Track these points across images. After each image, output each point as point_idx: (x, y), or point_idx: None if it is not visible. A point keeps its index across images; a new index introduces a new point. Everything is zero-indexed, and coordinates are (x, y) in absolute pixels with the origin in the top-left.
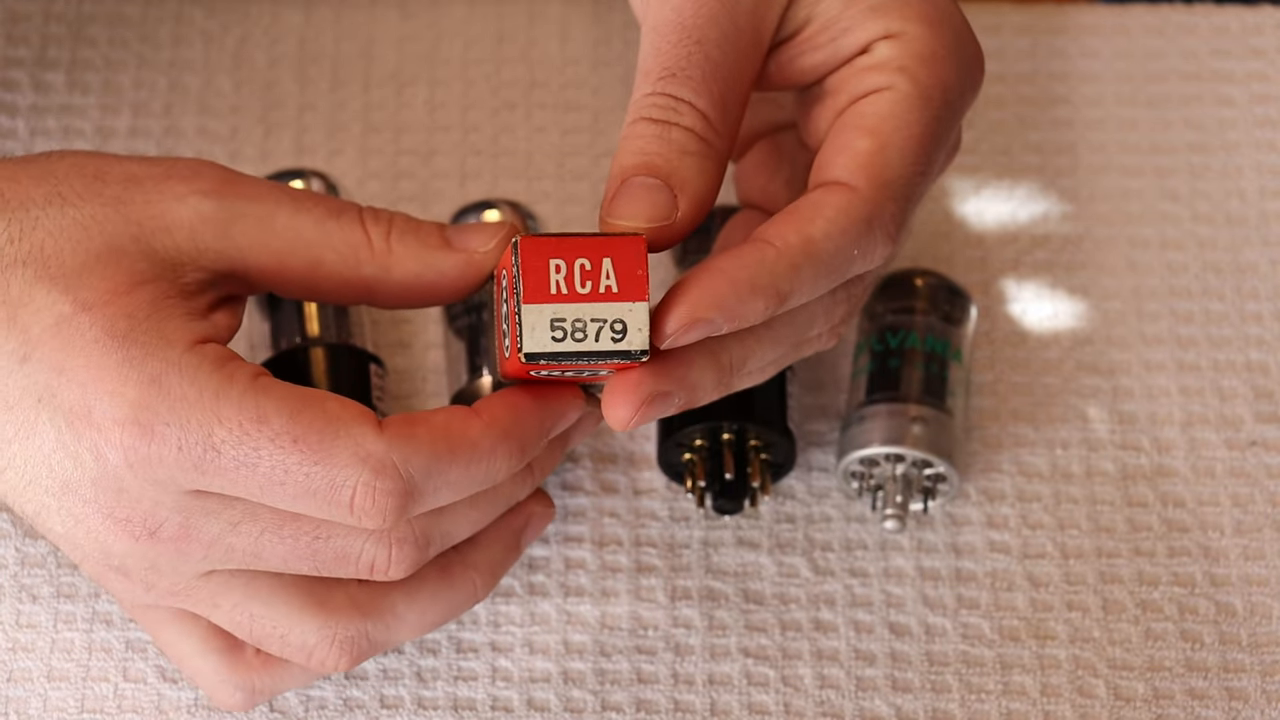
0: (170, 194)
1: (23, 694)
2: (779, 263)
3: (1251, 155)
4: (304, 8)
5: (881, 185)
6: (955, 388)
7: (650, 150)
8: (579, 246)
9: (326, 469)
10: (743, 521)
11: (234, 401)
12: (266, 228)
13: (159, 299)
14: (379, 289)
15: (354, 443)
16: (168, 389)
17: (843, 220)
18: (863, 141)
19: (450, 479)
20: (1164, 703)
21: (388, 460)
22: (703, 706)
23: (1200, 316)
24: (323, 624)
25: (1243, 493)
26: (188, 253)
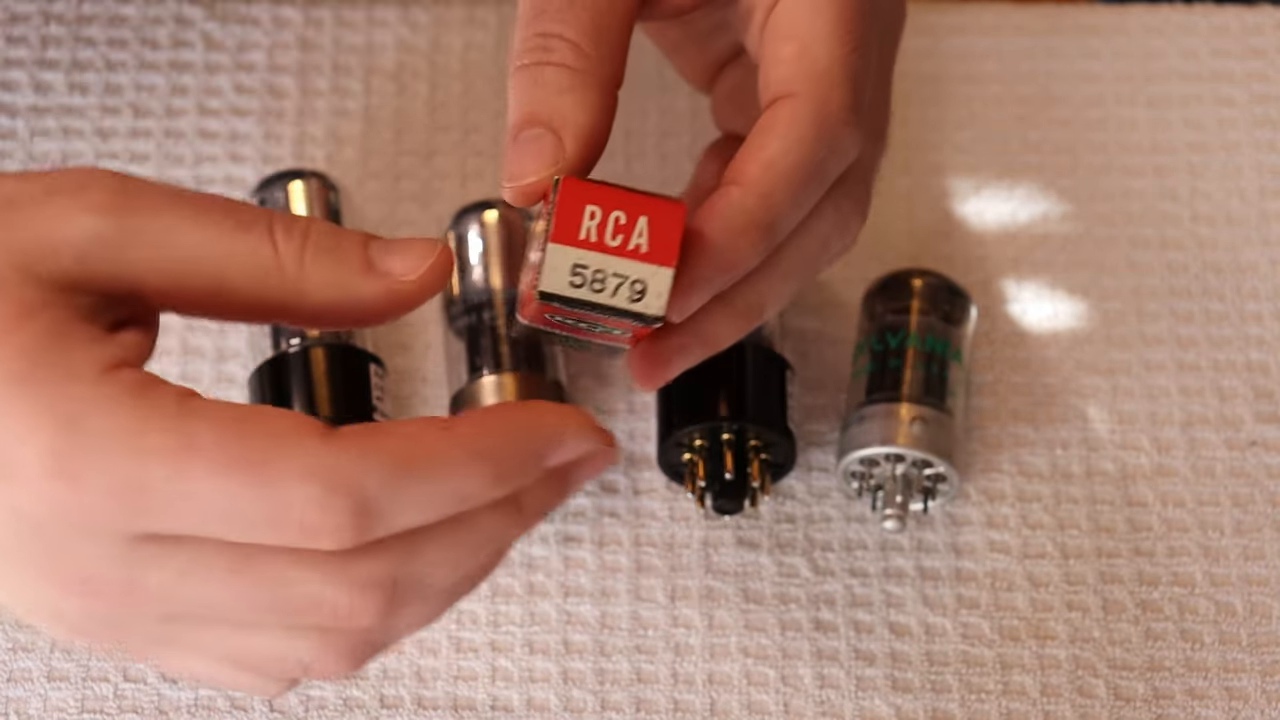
0: (53, 213)
1: (23, 694)
2: (748, 199)
3: (1251, 155)
4: (304, 8)
5: (816, 80)
6: (955, 388)
7: (527, 99)
8: (619, 199)
9: (270, 490)
10: (743, 521)
11: (160, 430)
12: (165, 245)
13: (56, 327)
14: (291, 312)
15: (299, 458)
16: (85, 429)
17: (794, 131)
18: (786, 48)
19: (411, 496)
20: (1164, 703)
21: (338, 473)
22: (702, 706)
23: (1200, 316)
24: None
25: (1243, 493)
26: (76, 276)
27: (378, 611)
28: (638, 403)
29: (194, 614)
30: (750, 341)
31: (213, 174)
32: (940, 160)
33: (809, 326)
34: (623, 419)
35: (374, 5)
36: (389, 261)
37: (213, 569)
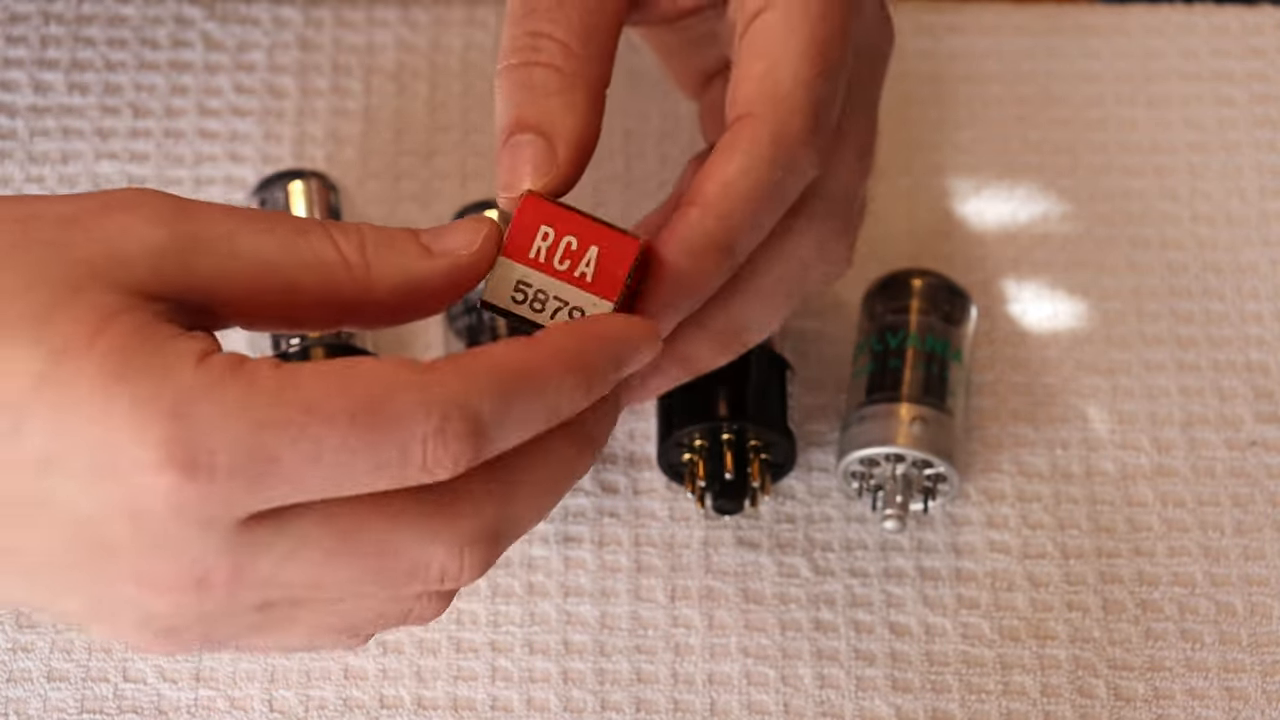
0: (116, 229)
1: (23, 694)
2: (706, 220)
3: (1252, 155)
4: (304, 8)
5: (778, 102)
6: (955, 388)
7: (516, 101)
8: (574, 224)
9: (391, 434)
10: (743, 521)
11: (270, 403)
12: (230, 254)
13: (140, 327)
14: (362, 310)
15: (411, 393)
16: (194, 416)
17: (753, 151)
18: (756, 65)
19: (517, 411)
20: (1164, 703)
21: (451, 401)
22: (702, 706)
23: (1200, 316)
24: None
25: (1243, 493)
26: (151, 286)
27: (481, 568)
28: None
29: (295, 597)
30: None
31: (212, 174)
32: (940, 160)
33: (809, 326)
34: (623, 419)
35: (374, 5)
36: (444, 242)
37: (320, 546)
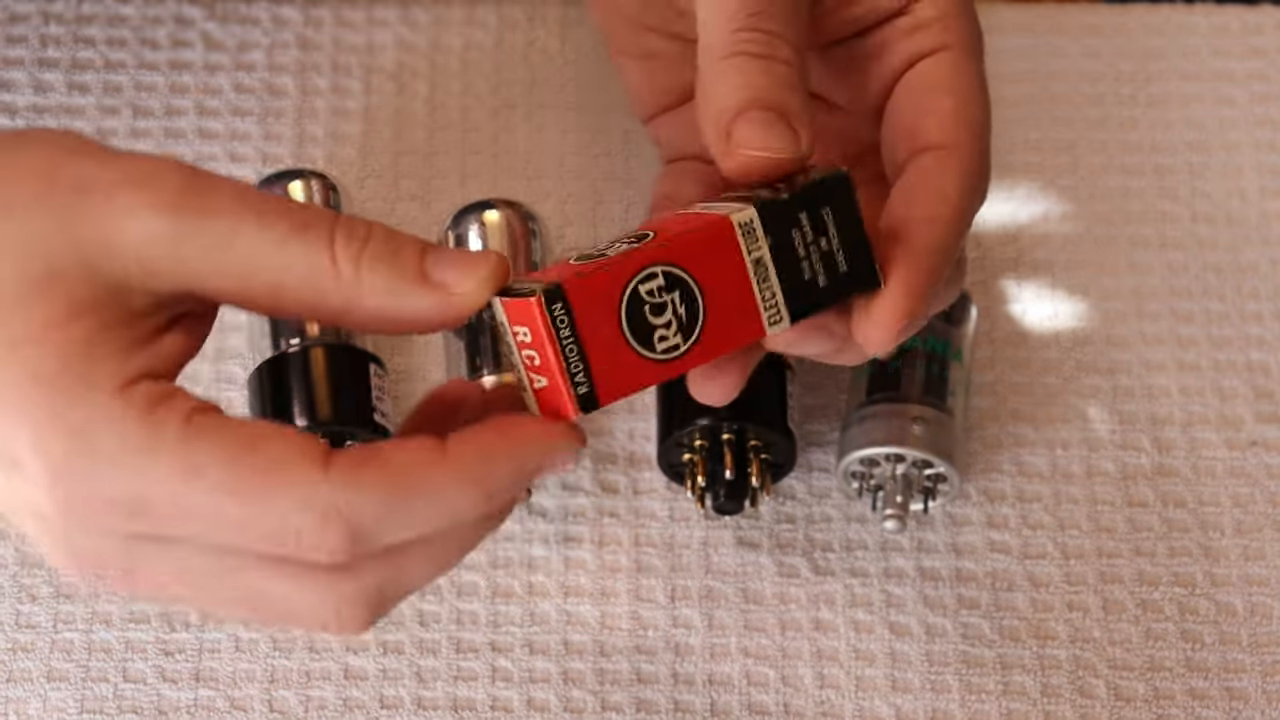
0: (121, 207)
1: (22, 694)
2: (947, 235)
3: (1252, 155)
4: (303, 7)
5: (976, 137)
6: (955, 388)
7: (759, 84)
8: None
9: (268, 517)
10: (743, 521)
11: (163, 455)
12: (224, 250)
13: (95, 332)
14: (347, 319)
15: (296, 489)
16: (92, 443)
17: (966, 179)
18: (946, 101)
19: (404, 521)
20: (1164, 703)
21: (333, 505)
22: (703, 706)
23: (1201, 316)
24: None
25: (1243, 493)
26: (135, 275)
27: (361, 624)
28: (638, 403)
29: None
30: None
31: None
32: None
33: None
34: (623, 419)
35: (374, 5)
36: (443, 272)
37: (205, 574)
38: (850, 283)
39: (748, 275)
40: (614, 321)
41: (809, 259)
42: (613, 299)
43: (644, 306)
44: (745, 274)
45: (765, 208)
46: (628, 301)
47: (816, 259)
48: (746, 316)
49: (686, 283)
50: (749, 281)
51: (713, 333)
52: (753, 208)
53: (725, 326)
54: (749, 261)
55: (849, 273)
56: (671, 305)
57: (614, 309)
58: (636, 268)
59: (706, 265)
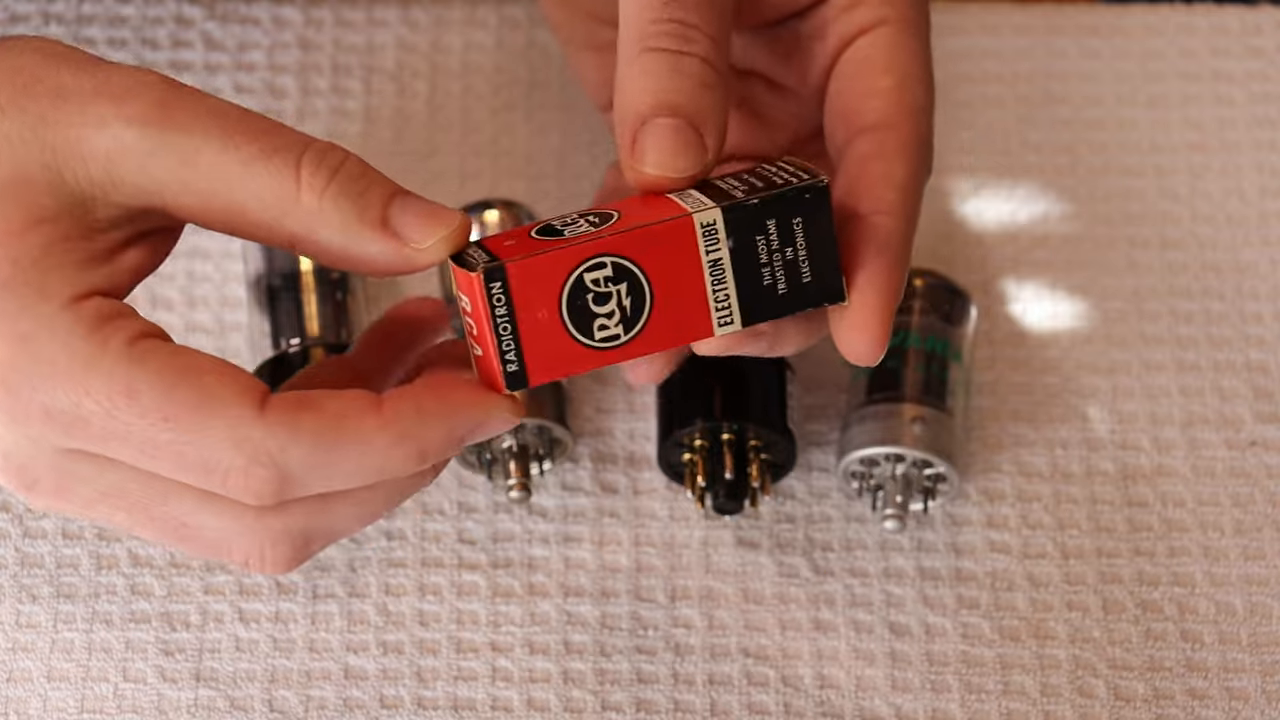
0: (94, 117)
1: (22, 694)
2: (901, 224)
3: (1251, 155)
4: (304, 7)
5: (915, 115)
6: (955, 388)
7: (668, 85)
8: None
9: (199, 450)
10: (743, 522)
11: (103, 372)
12: (188, 167)
13: (53, 242)
14: (301, 248)
15: (229, 426)
16: (36, 351)
17: (910, 160)
18: (883, 80)
19: (334, 472)
20: (1164, 703)
21: (264, 448)
22: (703, 707)
23: (1200, 316)
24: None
25: (1243, 493)
26: (101, 185)
27: (286, 564)
28: (638, 403)
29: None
30: None
31: None
32: (940, 160)
33: None
34: (623, 419)
35: (374, 5)
36: (404, 224)
37: (136, 498)
38: (812, 294)
39: (702, 275)
40: (553, 306)
41: (771, 266)
42: (555, 284)
43: (587, 295)
44: (700, 273)
45: (731, 211)
46: (570, 288)
47: (779, 267)
48: (695, 314)
49: (636, 276)
50: (703, 281)
51: (657, 327)
52: (718, 209)
53: (671, 322)
54: (705, 261)
55: (812, 284)
56: (617, 296)
57: (555, 294)
58: (584, 256)
59: (659, 261)
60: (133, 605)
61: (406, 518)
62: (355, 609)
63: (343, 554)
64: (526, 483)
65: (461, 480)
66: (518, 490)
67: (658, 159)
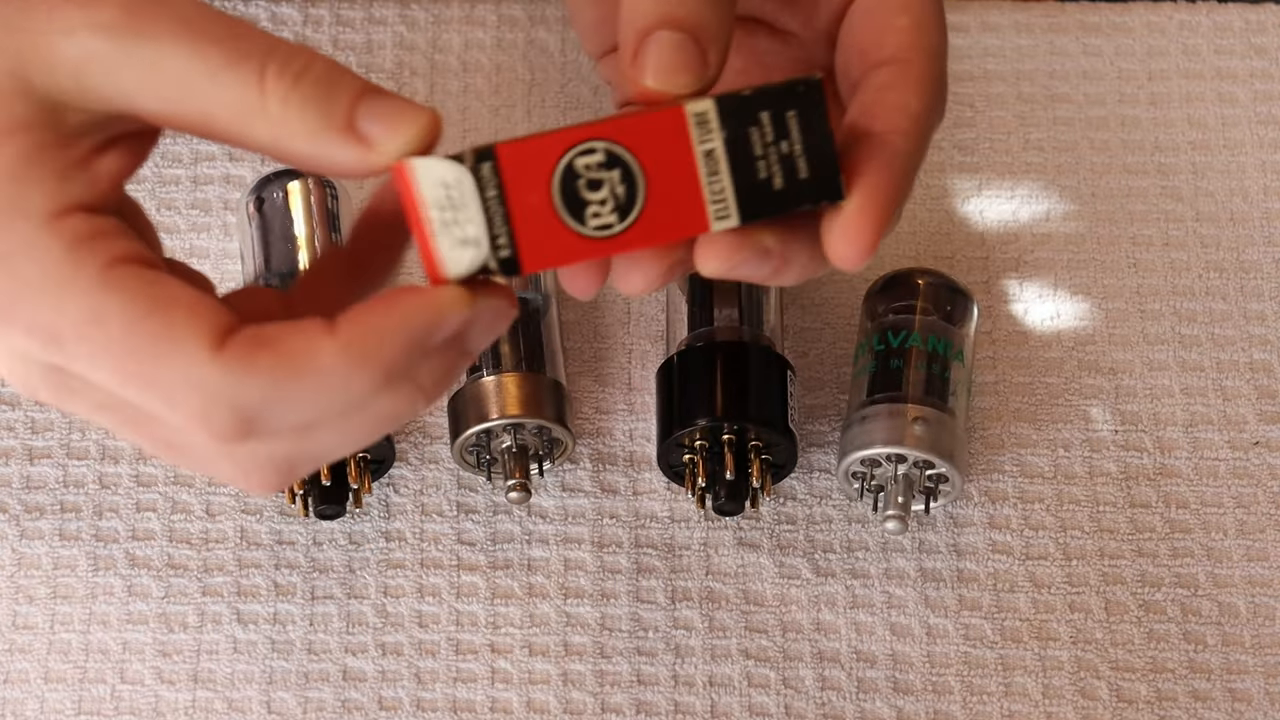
0: (61, 23)
1: (20, 695)
2: (907, 150)
3: (1254, 154)
4: (302, 6)
5: (930, 55)
6: (957, 388)
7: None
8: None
9: (158, 387)
10: (743, 522)
11: (75, 296)
12: (155, 74)
13: (30, 152)
14: (275, 155)
15: (184, 368)
16: (15, 270)
17: (925, 92)
18: (900, 18)
19: (297, 406)
20: (1167, 704)
21: (219, 390)
22: (703, 708)
23: (1203, 316)
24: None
25: (1246, 493)
26: (71, 93)
27: (273, 486)
28: (638, 403)
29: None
30: (751, 341)
31: (210, 173)
32: (942, 159)
33: (810, 326)
34: (623, 419)
35: (372, 4)
36: (371, 125)
37: (126, 417)
38: (810, 190)
39: (695, 166)
40: (545, 189)
41: (766, 159)
42: (545, 168)
43: (578, 180)
44: (693, 164)
45: (724, 100)
46: (562, 173)
47: (775, 160)
48: (690, 208)
49: (627, 163)
50: (696, 172)
51: (651, 218)
52: (711, 99)
53: (666, 214)
54: (699, 152)
55: (809, 179)
56: (609, 183)
57: (546, 178)
58: (575, 139)
59: (651, 149)
60: (130, 606)
61: (405, 519)
62: (354, 610)
63: (341, 555)
64: (526, 483)
65: (460, 481)
66: (517, 491)
67: (658, 71)
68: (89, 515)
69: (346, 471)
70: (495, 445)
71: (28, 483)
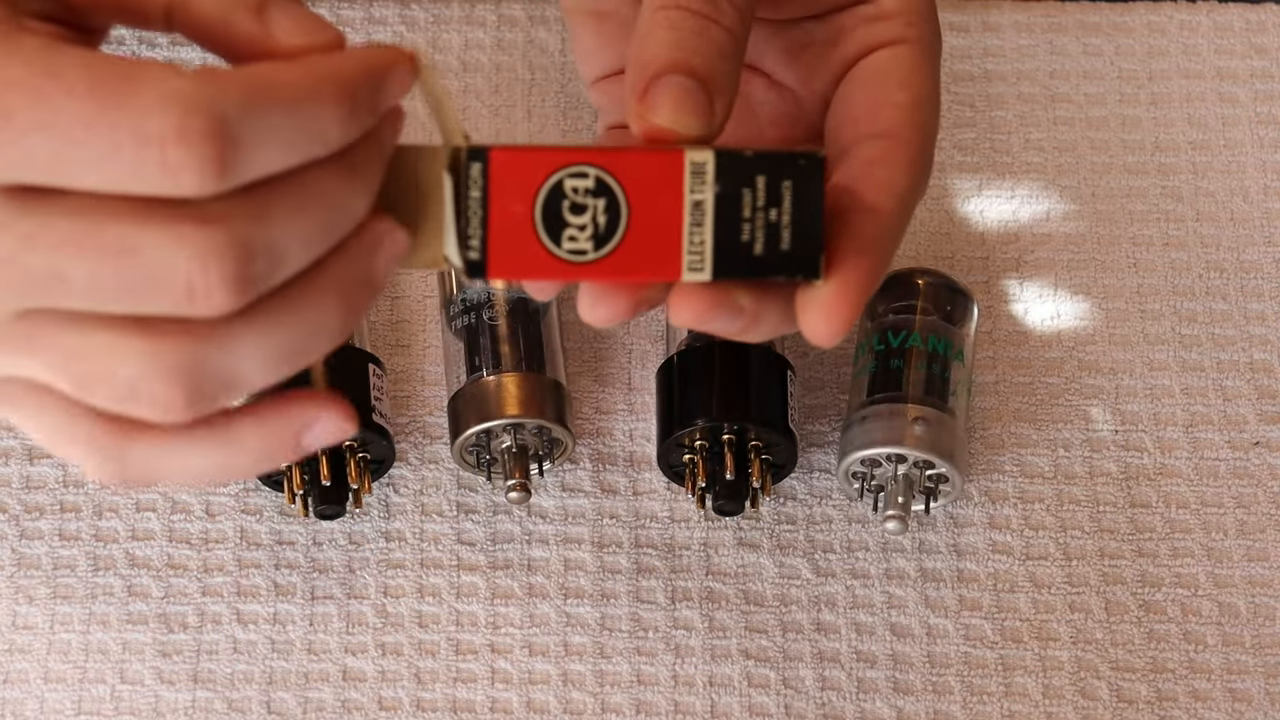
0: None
1: (19, 696)
2: (890, 230)
3: (1255, 154)
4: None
5: (926, 135)
6: (957, 388)
7: (690, 46)
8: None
9: (130, 115)
10: (743, 523)
11: (24, 57)
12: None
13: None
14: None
15: (157, 82)
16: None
17: (913, 172)
18: (899, 94)
19: (272, 125)
20: (1167, 705)
21: (198, 96)
22: (703, 708)
23: (1203, 316)
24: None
25: (1246, 493)
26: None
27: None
28: (638, 403)
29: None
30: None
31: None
32: (942, 159)
33: None
34: (623, 419)
35: (372, 3)
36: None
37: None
38: (788, 263)
39: (681, 214)
40: (528, 203)
41: (752, 222)
42: (534, 182)
43: (564, 201)
44: (680, 211)
45: (723, 156)
46: (549, 190)
47: (760, 226)
48: (666, 253)
49: (615, 194)
50: (681, 220)
51: (625, 254)
52: (712, 151)
53: (640, 253)
54: (688, 201)
55: (790, 252)
56: (593, 210)
57: (532, 191)
58: (569, 160)
59: (643, 187)
60: (130, 606)
61: (405, 519)
62: (354, 610)
63: (341, 555)
64: (526, 483)
65: (460, 481)
66: (517, 491)
67: (670, 113)
68: (89, 515)
69: (346, 471)
70: (495, 445)
71: (28, 483)
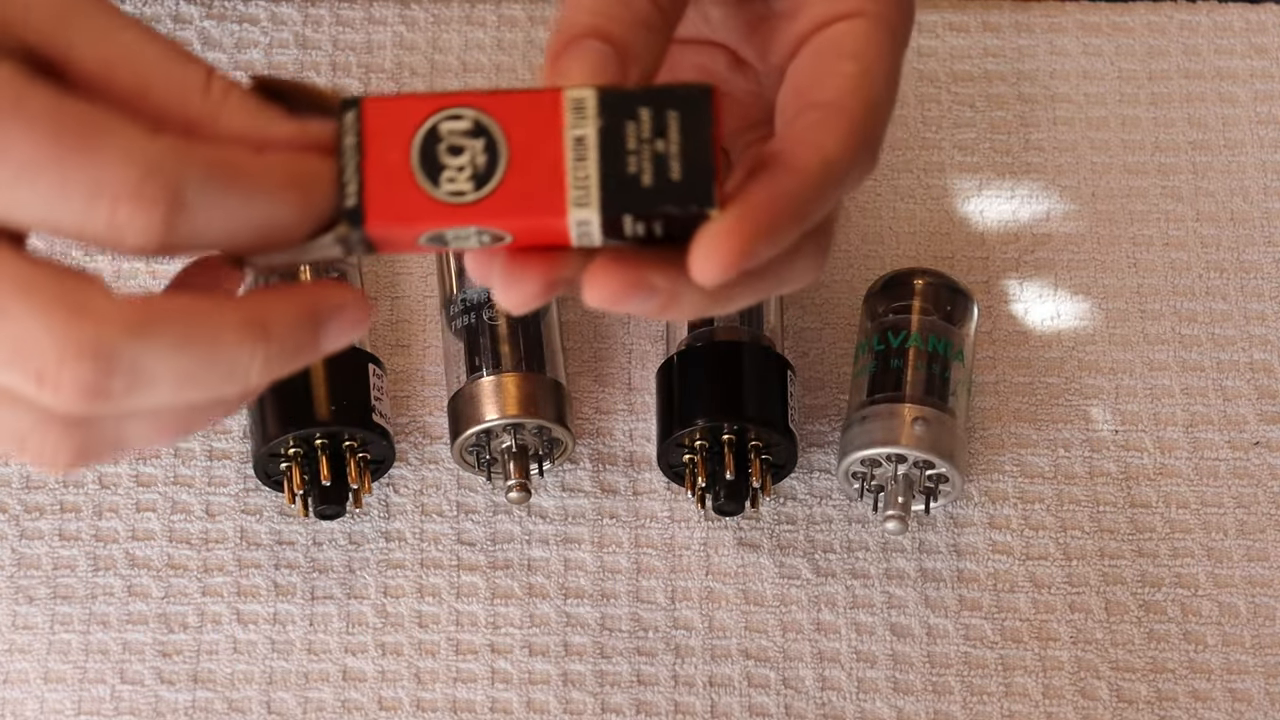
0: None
1: (19, 696)
2: (805, 189)
3: (1255, 154)
4: (302, 6)
5: (871, 108)
6: (957, 388)
7: (610, 14)
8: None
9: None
10: (743, 523)
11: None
12: (107, 33)
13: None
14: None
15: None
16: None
17: (848, 141)
18: (848, 65)
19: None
20: (1167, 705)
21: (162, 161)
22: (703, 708)
23: (1204, 316)
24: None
25: (1246, 493)
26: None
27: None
28: (638, 403)
29: None
30: (751, 341)
31: None
32: (941, 159)
33: (809, 326)
34: (622, 419)
35: (372, 3)
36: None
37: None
38: (680, 194)
39: (563, 150)
40: (404, 147)
41: (638, 154)
42: (409, 125)
43: (440, 144)
44: (560, 147)
45: (605, 91)
46: (425, 133)
47: (647, 157)
48: (549, 190)
49: (493, 134)
50: (563, 156)
51: (508, 193)
52: (592, 87)
53: (523, 192)
54: (569, 136)
55: (681, 182)
56: (471, 151)
57: (408, 135)
58: (444, 104)
59: (521, 125)
60: (130, 607)
61: (405, 519)
62: (354, 610)
63: (341, 555)
64: (526, 483)
65: (460, 481)
66: (517, 491)
67: (580, 78)
68: (89, 515)
69: (346, 471)
70: (495, 445)
71: (28, 483)
